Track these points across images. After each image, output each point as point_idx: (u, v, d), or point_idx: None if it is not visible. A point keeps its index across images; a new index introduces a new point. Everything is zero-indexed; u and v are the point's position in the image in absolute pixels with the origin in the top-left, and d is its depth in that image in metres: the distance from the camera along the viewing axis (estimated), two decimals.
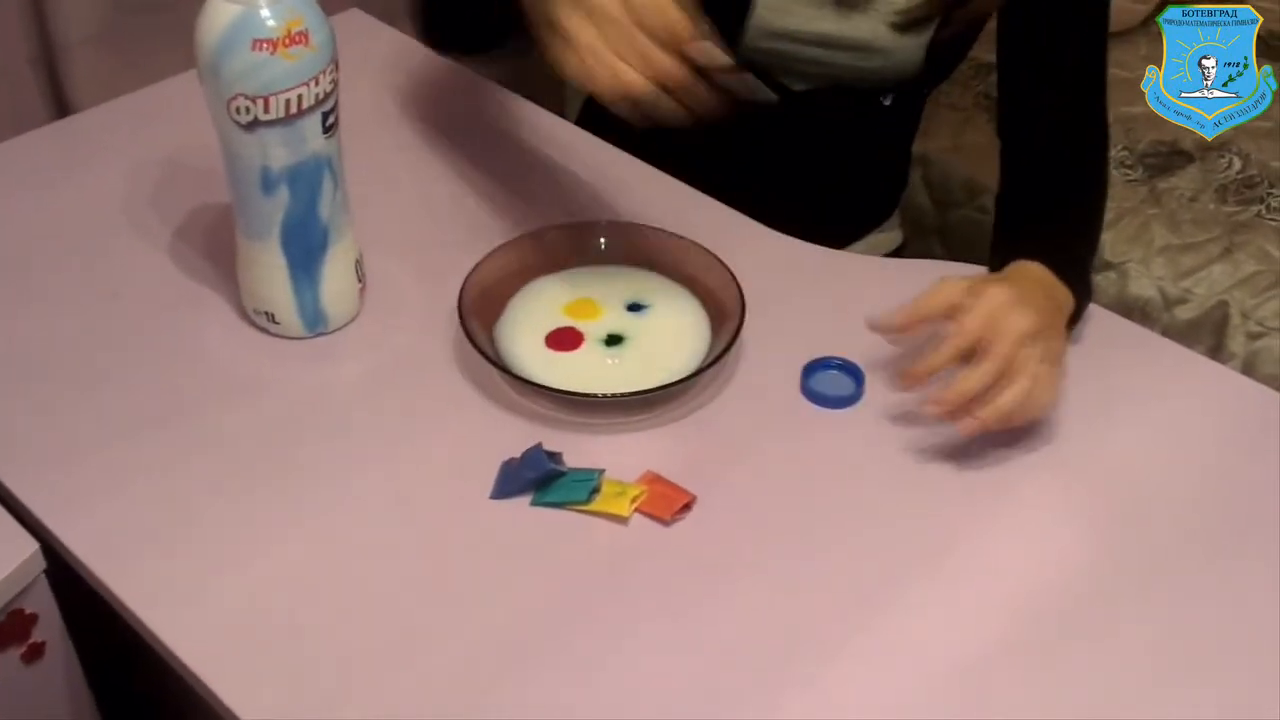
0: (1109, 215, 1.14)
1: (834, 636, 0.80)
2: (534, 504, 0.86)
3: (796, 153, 0.99)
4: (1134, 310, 1.54)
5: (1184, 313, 1.54)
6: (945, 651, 0.80)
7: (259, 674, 0.77)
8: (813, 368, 0.97)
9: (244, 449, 0.90)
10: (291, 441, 0.91)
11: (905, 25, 1.09)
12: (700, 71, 0.83)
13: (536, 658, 0.78)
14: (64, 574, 0.86)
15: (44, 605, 0.88)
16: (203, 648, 0.78)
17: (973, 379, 0.88)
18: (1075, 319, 0.99)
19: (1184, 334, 1.53)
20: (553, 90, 1.84)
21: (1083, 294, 0.99)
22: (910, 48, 1.11)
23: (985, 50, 1.15)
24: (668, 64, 0.81)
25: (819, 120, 1.18)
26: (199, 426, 0.92)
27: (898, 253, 1.34)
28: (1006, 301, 0.89)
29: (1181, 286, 1.55)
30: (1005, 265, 0.98)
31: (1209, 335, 1.54)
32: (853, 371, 0.97)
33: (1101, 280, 1.56)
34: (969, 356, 0.89)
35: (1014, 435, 0.92)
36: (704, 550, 0.85)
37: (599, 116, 1.29)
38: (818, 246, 1.10)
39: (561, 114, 1.25)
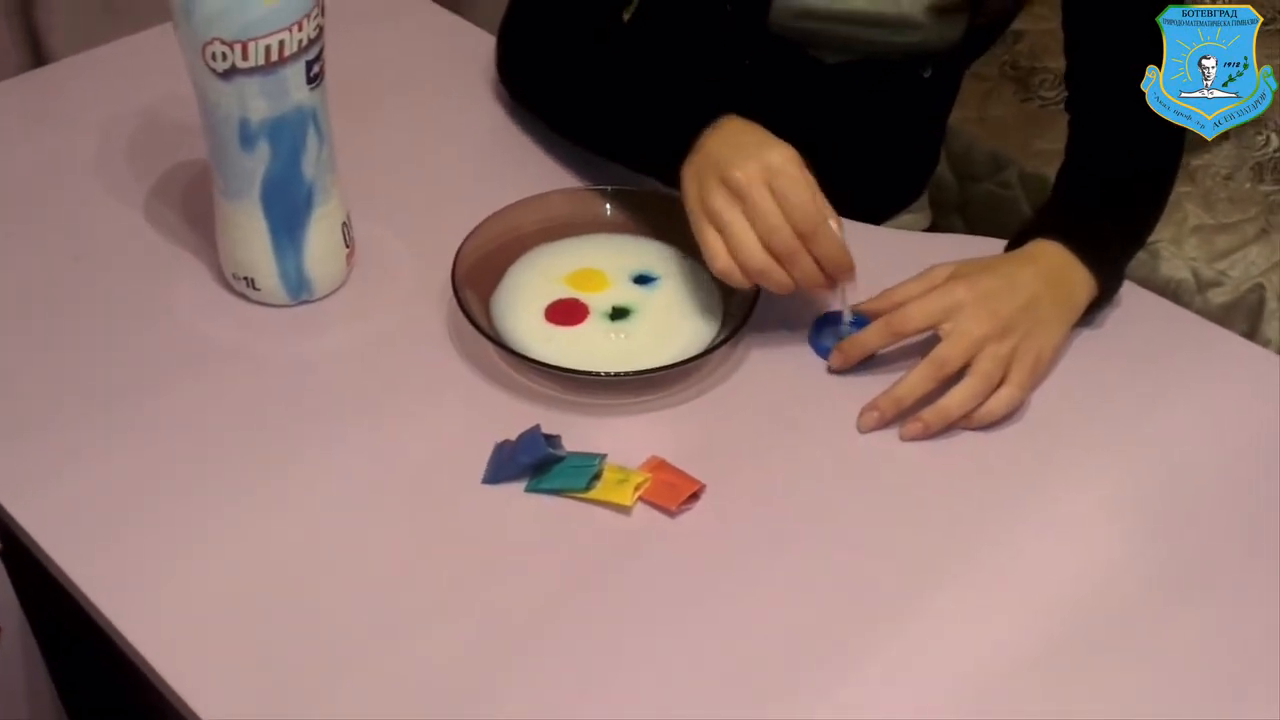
0: None
1: (855, 640, 0.76)
2: (529, 490, 0.82)
3: (828, 128, 0.95)
4: (1165, 293, 1.48)
5: (1218, 296, 1.50)
6: (975, 660, 0.75)
7: (224, 670, 0.72)
8: (824, 322, 0.94)
9: (217, 425, 0.86)
10: (269, 418, 0.87)
11: (943, 9, 1.04)
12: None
13: (528, 657, 0.74)
14: (21, 553, 0.81)
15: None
16: (163, 639, 0.74)
17: (906, 383, 0.87)
18: (1099, 305, 0.95)
19: (1217, 318, 1.47)
20: None
21: (1109, 280, 0.95)
22: (949, 23, 1.06)
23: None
24: (807, 261, 0.85)
25: (853, 95, 1.13)
26: (170, 400, 0.87)
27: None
28: (965, 300, 0.88)
29: (1216, 268, 1.51)
30: (1025, 241, 0.94)
31: (1243, 320, 1.50)
32: (864, 326, 0.92)
33: (1131, 261, 1.50)
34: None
35: (1049, 412, 0.88)
36: (713, 544, 0.80)
37: None
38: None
39: None
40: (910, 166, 1.26)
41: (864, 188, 1.20)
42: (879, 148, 1.19)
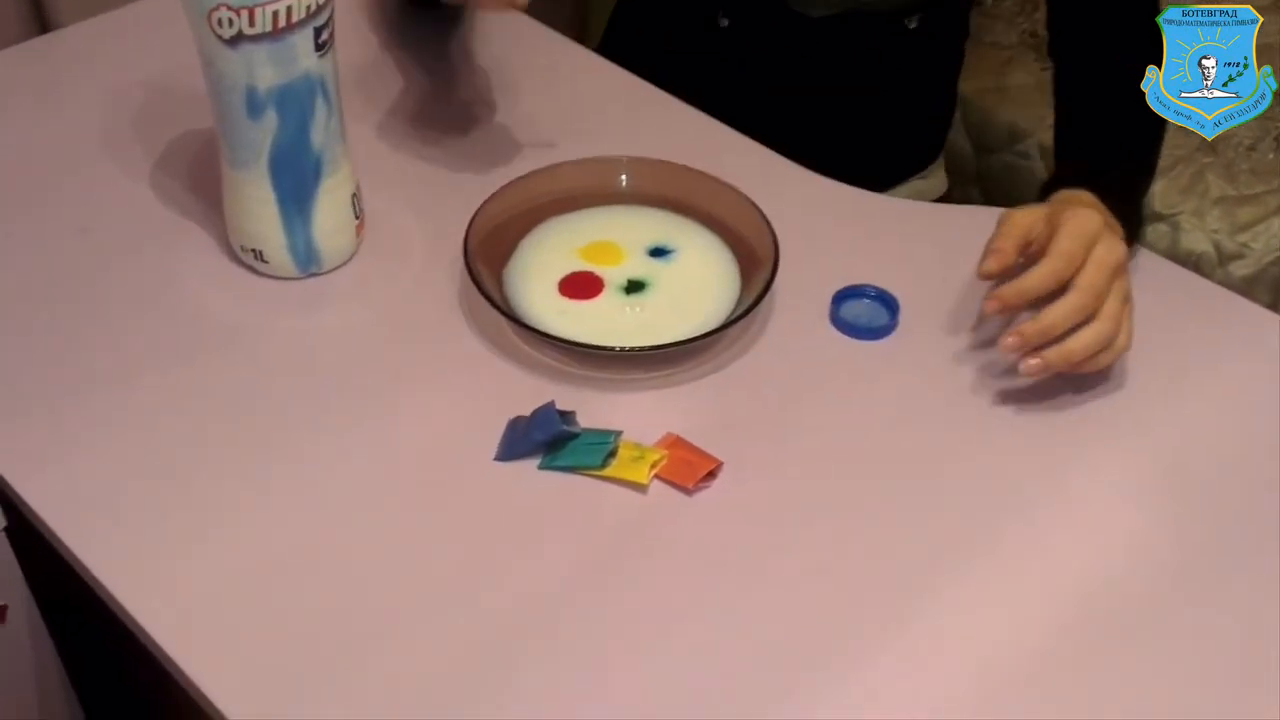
0: (1160, 164, 1.08)
1: (875, 623, 0.74)
2: (542, 468, 0.80)
3: (825, 86, 0.93)
4: (1187, 265, 1.47)
5: (1239, 269, 1.48)
6: (992, 645, 0.73)
7: (229, 647, 0.71)
8: (844, 295, 0.92)
9: (225, 401, 0.85)
10: (278, 393, 0.85)
11: None
12: None
13: (542, 640, 0.72)
14: (27, 530, 0.80)
15: (4, 565, 0.85)
16: (169, 616, 0.72)
17: (1058, 313, 0.82)
18: None
19: (1240, 291, 1.45)
20: (573, 14, 1.76)
21: (1135, 228, 0.93)
22: None
23: None
24: None
25: (841, 50, 1.11)
26: (178, 374, 0.86)
27: (941, 202, 1.26)
28: (1099, 226, 0.84)
29: (1238, 241, 1.49)
30: (1051, 195, 0.92)
31: (1266, 293, 1.49)
32: (887, 301, 0.92)
33: (1151, 233, 1.50)
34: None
35: (1071, 387, 0.87)
36: (730, 523, 0.79)
37: (623, 43, 1.22)
38: (856, 188, 1.03)
39: (580, 40, 1.18)
40: (915, 128, 1.24)
41: (869, 148, 1.18)
42: (877, 105, 1.17)
